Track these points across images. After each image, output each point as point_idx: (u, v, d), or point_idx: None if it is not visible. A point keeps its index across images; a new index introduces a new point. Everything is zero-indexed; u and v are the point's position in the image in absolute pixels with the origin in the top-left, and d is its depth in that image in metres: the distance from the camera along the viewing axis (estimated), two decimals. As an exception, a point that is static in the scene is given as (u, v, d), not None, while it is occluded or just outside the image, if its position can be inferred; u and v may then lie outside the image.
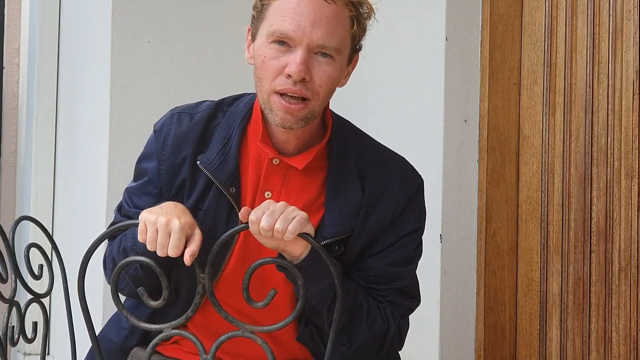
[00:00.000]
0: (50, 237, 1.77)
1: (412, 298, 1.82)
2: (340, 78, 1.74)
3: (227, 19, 2.90)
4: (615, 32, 2.37)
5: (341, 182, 1.77)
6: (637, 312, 2.31)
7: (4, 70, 3.08)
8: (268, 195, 1.75)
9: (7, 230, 1.65)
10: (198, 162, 1.75)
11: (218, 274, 1.74)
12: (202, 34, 2.85)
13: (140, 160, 1.87)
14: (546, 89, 2.52)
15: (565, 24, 2.48)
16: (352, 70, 1.79)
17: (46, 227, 1.75)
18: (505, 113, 2.59)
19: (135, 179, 1.87)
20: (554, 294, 2.48)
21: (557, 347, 2.48)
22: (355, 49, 1.76)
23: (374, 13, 1.75)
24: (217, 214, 1.74)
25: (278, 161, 1.75)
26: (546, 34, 2.53)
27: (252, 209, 1.65)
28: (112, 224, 1.81)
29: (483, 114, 2.60)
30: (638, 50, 2.32)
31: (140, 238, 1.58)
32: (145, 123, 2.73)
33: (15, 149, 3.07)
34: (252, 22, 1.75)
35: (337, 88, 1.76)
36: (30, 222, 1.77)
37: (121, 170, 2.69)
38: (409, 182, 1.82)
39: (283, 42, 1.67)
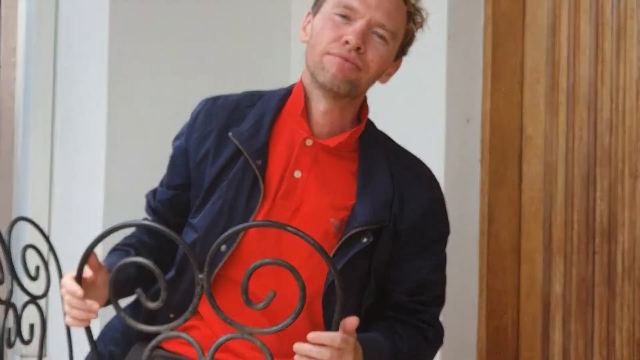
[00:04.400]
0: (47, 238, 1.76)
1: (443, 301, 1.93)
2: (387, 66, 1.85)
3: (227, 19, 2.90)
4: (619, 30, 2.36)
5: (373, 175, 1.83)
6: (641, 314, 2.30)
7: (0, 70, 3.08)
8: (297, 175, 1.81)
9: (4, 231, 1.65)
10: (230, 133, 1.82)
11: (237, 238, 1.77)
12: (202, 34, 2.85)
13: (174, 144, 1.96)
14: (549, 88, 2.51)
15: (568, 22, 2.47)
16: (394, 73, 1.91)
17: (43, 228, 1.75)
18: (508, 112, 2.58)
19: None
20: (557, 295, 2.47)
21: (560, 349, 2.47)
22: (403, 49, 1.88)
23: (423, 26, 1.89)
24: (241, 185, 1.79)
25: (311, 142, 1.82)
26: (549, 32, 2.52)
27: (279, 186, 1.78)
28: (147, 204, 1.96)
29: (485, 114, 2.59)
30: (642, 49, 2.32)
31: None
32: (144, 123, 2.73)
33: (12, 148, 3.06)
34: (315, 3, 1.86)
35: (377, 83, 1.86)
36: (27, 223, 1.77)
37: (119, 170, 2.69)
38: (434, 187, 1.91)
39: (346, 16, 1.77)
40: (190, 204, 1.88)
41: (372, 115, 1.98)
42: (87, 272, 1.65)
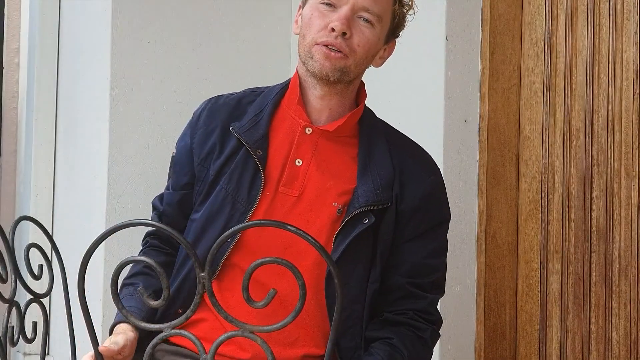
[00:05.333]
0: (50, 237, 1.76)
1: (441, 289, 1.92)
2: (376, 49, 1.87)
3: (228, 19, 2.89)
4: (616, 31, 2.37)
5: (373, 157, 1.85)
6: (637, 312, 2.31)
7: (3, 70, 3.08)
8: (299, 163, 1.84)
9: (7, 230, 1.65)
10: (231, 128, 1.85)
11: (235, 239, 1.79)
12: (202, 34, 2.85)
13: (176, 144, 1.98)
14: (546, 89, 2.52)
15: (566, 23, 2.48)
16: (388, 56, 1.93)
17: (46, 227, 1.75)
18: (506, 113, 2.59)
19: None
20: (554, 294, 2.48)
21: (557, 347, 2.48)
22: (393, 31, 1.90)
23: (414, 9, 1.91)
24: (243, 175, 1.83)
25: (311, 130, 1.85)
26: (546, 33, 2.53)
27: (281, 174, 1.81)
28: (154, 211, 1.97)
29: (483, 114, 2.60)
30: (638, 50, 2.32)
31: None
32: (145, 123, 2.73)
33: (15, 149, 3.06)
34: None
35: (372, 68, 1.90)
36: (30, 222, 1.77)
37: (121, 170, 2.69)
38: (434, 171, 1.93)
39: (331, 4, 1.81)
40: (196, 194, 1.91)
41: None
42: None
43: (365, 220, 1.80)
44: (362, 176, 1.84)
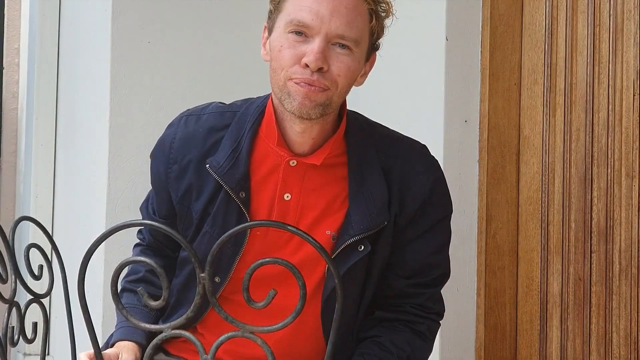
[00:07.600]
0: (50, 238, 1.77)
1: (445, 277, 1.84)
2: (358, 73, 1.71)
3: (228, 19, 2.90)
4: (616, 32, 2.37)
5: (364, 175, 1.74)
6: (637, 313, 2.31)
7: (4, 71, 3.08)
8: (287, 197, 1.73)
9: (7, 230, 1.65)
10: (207, 166, 1.72)
11: (231, 270, 1.73)
12: (202, 35, 2.85)
13: (150, 164, 1.87)
14: (546, 89, 2.52)
15: (566, 24, 2.48)
16: (370, 70, 1.78)
17: (46, 228, 1.75)
18: (506, 113, 2.59)
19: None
20: (554, 294, 2.48)
21: (557, 348, 2.48)
22: (373, 47, 1.74)
23: (393, 14, 1.75)
24: (227, 218, 1.72)
25: (295, 162, 1.73)
26: (546, 34, 2.53)
27: (270, 212, 1.69)
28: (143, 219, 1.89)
29: (483, 114, 2.60)
30: (638, 50, 2.32)
31: None
32: (145, 123, 2.73)
33: (15, 149, 3.07)
34: (269, 16, 1.74)
35: (354, 87, 1.74)
36: (30, 223, 1.77)
37: (121, 170, 2.69)
38: (432, 167, 1.81)
39: (301, 32, 1.64)
40: (180, 232, 1.80)
41: (371, 117, 1.97)
42: None
43: (361, 247, 1.71)
44: (355, 198, 1.72)
